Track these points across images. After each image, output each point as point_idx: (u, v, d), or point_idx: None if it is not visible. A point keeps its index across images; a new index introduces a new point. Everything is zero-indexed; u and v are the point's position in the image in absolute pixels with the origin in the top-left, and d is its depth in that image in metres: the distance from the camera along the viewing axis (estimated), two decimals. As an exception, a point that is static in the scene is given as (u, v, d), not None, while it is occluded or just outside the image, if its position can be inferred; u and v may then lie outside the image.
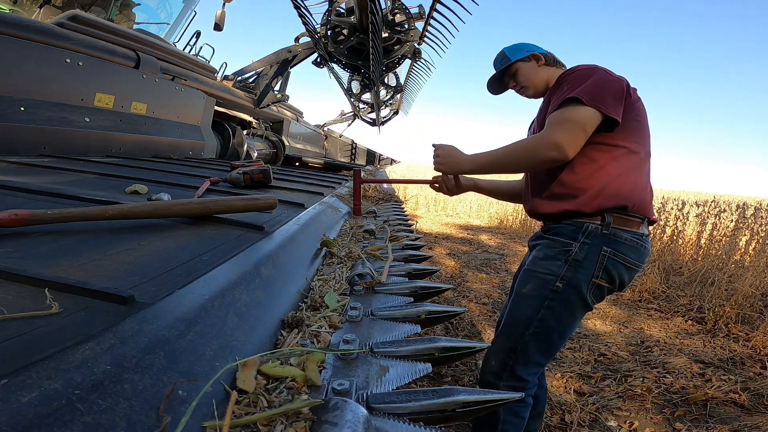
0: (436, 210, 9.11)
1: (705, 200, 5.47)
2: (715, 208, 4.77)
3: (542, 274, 1.16)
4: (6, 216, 0.59)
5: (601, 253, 1.11)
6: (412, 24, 3.52)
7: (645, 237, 1.15)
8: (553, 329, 1.15)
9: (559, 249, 1.15)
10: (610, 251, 1.11)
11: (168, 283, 0.49)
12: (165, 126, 2.55)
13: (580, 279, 1.12)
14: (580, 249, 1.13)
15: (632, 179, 1.13)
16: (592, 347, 2.56)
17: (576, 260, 1.13)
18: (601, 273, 1.12)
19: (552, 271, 1.15)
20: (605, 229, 1.12)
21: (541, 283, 1.15)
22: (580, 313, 1.17)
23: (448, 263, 4.31)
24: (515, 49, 1.34)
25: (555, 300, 1.13)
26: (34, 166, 1.31)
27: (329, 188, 1.83)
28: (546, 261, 1.17)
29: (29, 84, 1.68)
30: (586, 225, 1.13)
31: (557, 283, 1.13)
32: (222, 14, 3.75)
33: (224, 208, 0.84)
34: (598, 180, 1.12)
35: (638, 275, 1.22)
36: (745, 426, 1.82)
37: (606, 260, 1.12)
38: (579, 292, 1.12)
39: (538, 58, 1.30)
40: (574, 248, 1.13)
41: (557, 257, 1.15)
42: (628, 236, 1.12)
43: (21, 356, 0.30)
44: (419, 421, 0.37)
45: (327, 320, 0.59)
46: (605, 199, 1.12)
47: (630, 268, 1.14)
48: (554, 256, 1.16)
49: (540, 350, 1.17)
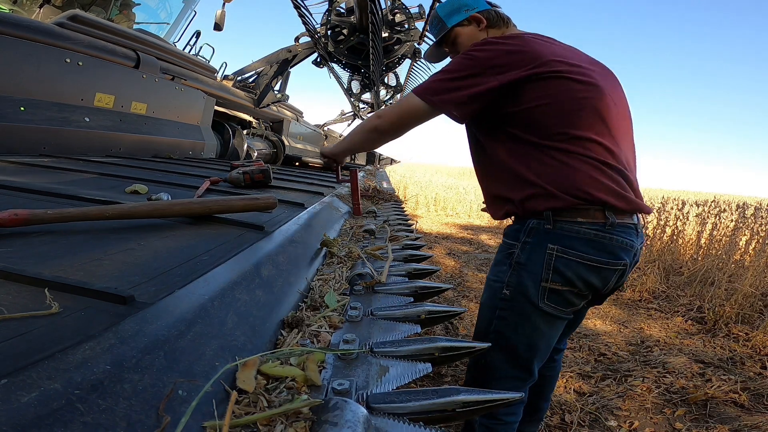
0: (436, 210, 9.11)
1: (705, 200, 5.47)
2: (715, 208, 4.77)
3: (492, 282, 1.06)
4: (6, 216, 0.59)
5: (546, 251, 0.96)
6: (412, 24, 3.52)
7: (611, 227, 0.95)
8: (514, 341, 1.02)
9: (504, 252, 1.05)
10: (558, 248, 0.95)
11: (168, 283, 0.49)
12: (165, 126, 2.55)
13: (525, 284, 0.98)
14: (521, 250, 1.00)
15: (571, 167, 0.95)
16: (592, 347, 2.56)
17: (518, 263, 1.00)
18: (551, 275, 0.96)
19: (499, 277, 1.03)
20: (547, 223, 0.96)
21: (492, 292, 1.05)
22: (543, 321, 1.01)
23: (448, 263, 4.31)
24: (451, 9, 1.14)
25: (506, 309, 1.02)
26: (34, 166, 1.31)
27: (329, 188, 1.83)
28: (495, 267, 1.06)
29: (29, 84, 1.68)
30: (528, 222, 1.00)
31: (504, 291, 1.01)
32: (222, 14, 3.75)
33: (224, 208, 0.84)
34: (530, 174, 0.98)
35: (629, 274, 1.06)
36: (745, 426, 1.82)
37: (554, 259, 0.96)
38: (528, 298, 0.99)
39: (479, 21, 1.11)
40: (516, 250, 1.01)
41: (503, 262, 1.04)
42: (582, 229, 0.95)
43: (21, 356, 0.30)
44: (419, 421, 0.37)
45: (327, 320, 0.59)
46: (540, 193, 0.97)
47: (593, 267, 0.96)
48: (501, 260, 1.05)
49: (509, 363, 1.05)
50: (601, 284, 0.98)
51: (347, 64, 3.69)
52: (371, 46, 2.95)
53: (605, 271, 0.97)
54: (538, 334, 1.02)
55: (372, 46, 2.94)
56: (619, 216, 0.96)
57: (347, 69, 3.88)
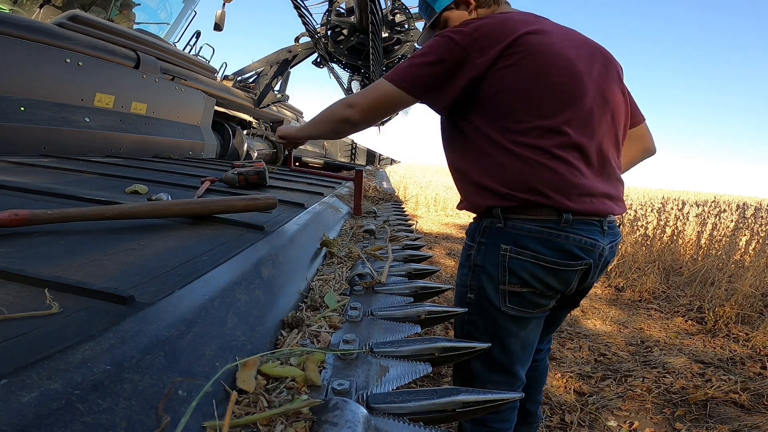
0: (436, 210, 9.11)
1: (705, 200, 5.47)
2: (715, 208, 4.78)
3: (458, 286, 1.02)
4: (6, 216, 0.59)
5: (500, 252, 0.91)
6: (412, 24, 3.52)
7: (564, 224, 0.88)
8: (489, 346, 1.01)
9: (465, 254, 1.00)
10: (510, 248, 0.89)
11: (168, 283, 0.49)
12: (165, 126, 2.55)
13: (485, 287, 0.94)
14: (477, 251, 0.95)
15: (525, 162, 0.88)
16: (592, 347, 2.56)
17: (476, 265, 0.95)
18: (508, 276, 0.90)
19: (462, 281, 0.99)
20: (499, 222, 0.91)
21: (459, 297, 1.01)
22: (512, 323, 0.95)
23: (448, 263, 4.31)
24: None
25: (473, 314, 0.97)
26: (34, 166, 1.31)
27: (329, 188, 1.83)
28: (459, 270, 1.02)
29: (29, 84, 1.68)
30: (482, 221, 0.96)
31: (469, 295, 0.97)
32: (222, 14, 3.75)
33: (224, 208, 0.84)
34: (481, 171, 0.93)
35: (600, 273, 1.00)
36: (745, 426, 1.82)
37: (507, 260, 0.90)
38: (490, 302, 0.94)
39: (467, 2, 1.05)
40: (473, 251, 0.97)
41: (465, 264, 1.00)
42: (533, 227, 0.88)
43: (21, 356, 0.30)
44: (419, 421, 0.37)
45: (327, 320, 0.59)
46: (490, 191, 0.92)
47: (549, 268, 0.89)
48: (463, 263, 1.01)
49: (490, 369, 0.99)
50: (561, 286, 0.92)
51: (347, 65, 3.69)
52: (371, 46, 2.95)
53: (563, 272, 0.90)
54: (510, 336, 0.97)
55: (372, 46, 2.94)
56: (577, 213, 0.89)
57: (347, 69, 3.88)
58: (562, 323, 2.96)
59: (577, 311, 3.23)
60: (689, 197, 7.25)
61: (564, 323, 2.97)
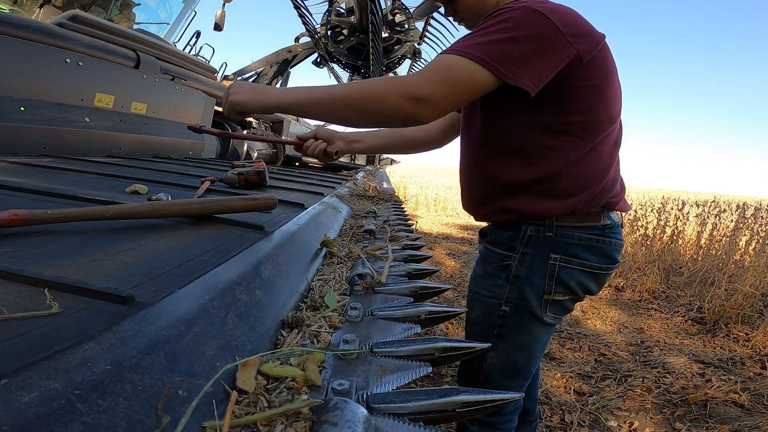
0: (436, 210, 9.11)
1: (705, 200, 5.47)
2: (715, 208, 4.78)
3: (486, 298, 0.95)
4: (6, 216, 0.59)
5: (549, 263, 0.87)
6: (412, 24, 3.52)
7: (608, 230, 0.88)
8: (515, 356, 0.95)
9: (498, 264, 0.93)
10: (560, 258, 0.87)
11: (168, 283, 0.49)
12: (165, 126, 2.55)
13: (527, 298, 0.89)
14: (520, 262, 0.89)
15: (592, 163, 0.85)
16: (592, 347, 2.56)
17: (518, 277, 0.90)
18: (554, 287, 0.88)
19: (495, 293, 0.93)
20: (549, 230, 0.87)
21: (486, 309, 0.95)
22: (544, 332, 0.95)
23: (448, 263, 4.31)
24: None
25: (506, 327, 0.93)
26: (34, 166, 1.31)
27: (329, 188, 1.83)
28: (486, 280, 0.95)
29: (29, 84, 1.68)
30: (524, 228, 0.89)
31: (503, 308, 0.92)
32: (222, 14, 3.75)
33: (224, 208, 0.84)
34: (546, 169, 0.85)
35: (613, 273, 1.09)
36: (745, 426, 1.82)
37: (557, 270, 0.87)
38: (531, 313, 0.90)
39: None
40: (513, 262, 0.90)
41: (497, 275, 0.93)
42: (583, 234, 0.87)
43: (21, 356, 0.30)
44: (419, 421, 0.37)
45: (327, 320, 0.59)
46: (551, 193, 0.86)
47: (594, 274, 0.89)
48: (494, 273, 0.94)
49: (508, 376, 0.97)
50: (597, 289, 0.94)
51: (347, 65, 3.69)
52: (371, 46, 2.95)
53: (603, 276, 0.92)
54: (540, 344, 0.97)
55: (372, 46, 2.94)
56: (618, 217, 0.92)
57: (347, 69, 3.88)
58: (563, 323, 2.96)
59: (577, 311, 3.23)
60: (689, 197, 7.25)
61: (564, 323, 2.97)
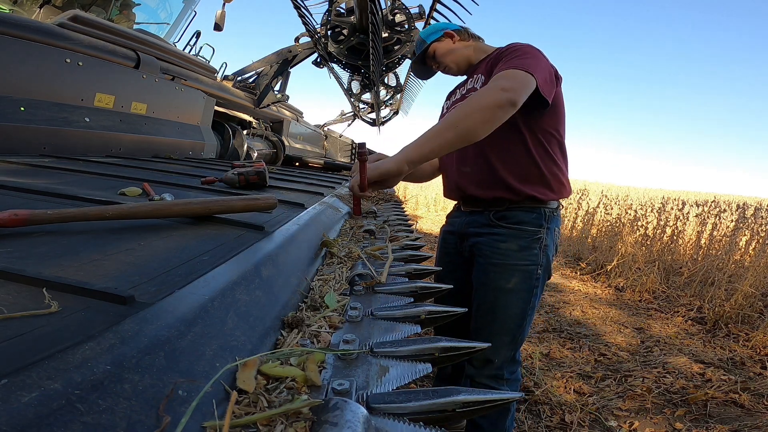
0: (436, 210, 9.10)
1: (705, 200, 5.47)
2: (715, 208, 4.77)
3: (525, 266, 1.21)
4: (6, 216, 0.59)
5: (555, 233, 1.24)
6: (412, 24, 3.51)
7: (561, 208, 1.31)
8: (535, 307, 1.28)
9: (531, 238, 1.21)
10: (557, 230, 1.25)
11: (168, 283, 0.49)
12: (165, 126, 2.55)
13: (551, 261, 1.25)
14: (547, 233, 1.22)
15: (566, 159, 1.26)
16: (592, 347, 2.56)
17: (546, 246, 1.22)
18: (555, 250, 1.27)
19: (533, 261, 1.21)
20: (555, 212, 1.24)
21: (526, 276, 1.21)
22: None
23: (448, 263, 4.30)
24: (429, 31, 1.38)
25: (538, 286, 1.23)
26: (34, 166, 1.31)
27: (329, 188, 1.83)
28: (524, 252, 1.21)
29: (29, 84, 1.68)
30: (546, 211, 1.22)
31: (538, 271, 1.22)
32: (222, 14, 3.74)
33: (224, 208, 0.84)
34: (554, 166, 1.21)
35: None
36: (745, 426, 1.82)
37: (556, 238, 1.26)
38: (548, 273, 1.26)
39: (452, 36, 1.34)
40: (542, 235, 1.21)
41: (532, 247, 1.21)
42: (559, 212, 1.27)
43: (21, 356, 0.30)
44: (419, 421, 0.37)
45: (327, 320, 0.59)
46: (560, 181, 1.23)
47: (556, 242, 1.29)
48: (529, 246, 1.21)
49: (518, 341, 1.27)
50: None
51: (347, 65, 3.68)
52: (371, 46, 2.94)
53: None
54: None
55: (372, 46, 2.94)
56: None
57: (347, 69, 3.87)
58: (563, 323, 2.96)
59: (577, 311, 3.22)
60: (689, 197, 7.24)
61: (564, 323, 2.97)
